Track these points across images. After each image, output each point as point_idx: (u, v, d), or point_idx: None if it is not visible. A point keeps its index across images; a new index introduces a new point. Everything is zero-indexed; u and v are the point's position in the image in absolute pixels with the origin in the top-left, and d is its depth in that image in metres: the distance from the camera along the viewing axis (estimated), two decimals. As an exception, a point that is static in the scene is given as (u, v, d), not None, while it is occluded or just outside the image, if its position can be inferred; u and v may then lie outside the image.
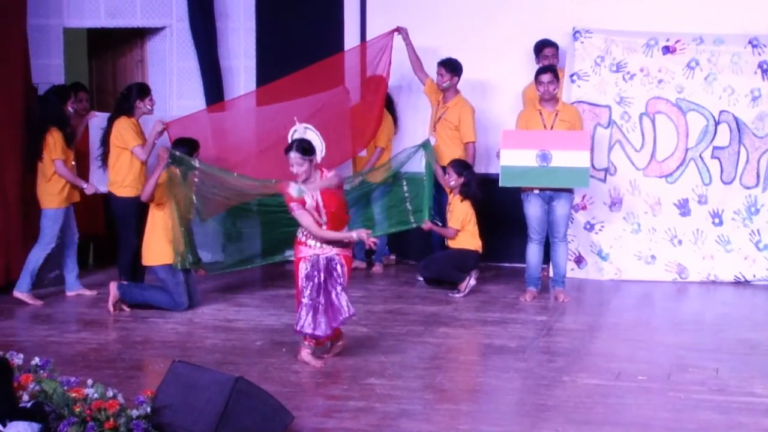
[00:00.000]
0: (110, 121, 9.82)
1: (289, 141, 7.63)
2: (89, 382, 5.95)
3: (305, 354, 7.58)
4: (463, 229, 10.27)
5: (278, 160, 7.95)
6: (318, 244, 7.46)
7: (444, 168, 10.40)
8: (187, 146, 9.41)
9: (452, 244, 10.38)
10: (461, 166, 10.34)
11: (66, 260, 9.99)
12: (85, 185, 9.73)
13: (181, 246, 9.25)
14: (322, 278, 7.46)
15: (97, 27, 11.09)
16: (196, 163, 9.41)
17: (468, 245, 10.30)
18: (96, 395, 5.80)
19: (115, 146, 9.70)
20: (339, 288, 7.48)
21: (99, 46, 11.84)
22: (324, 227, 7.45)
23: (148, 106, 9.83)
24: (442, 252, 10.55)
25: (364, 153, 11.06)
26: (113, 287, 9.35)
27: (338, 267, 7.50)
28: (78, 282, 10.02)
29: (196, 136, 9.74)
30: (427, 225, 10.24)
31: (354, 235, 7.50)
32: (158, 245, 9.31)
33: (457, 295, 10.05)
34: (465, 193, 10.27)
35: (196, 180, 9.40)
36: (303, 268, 7.52)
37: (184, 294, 9.38)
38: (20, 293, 9.69)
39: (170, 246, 9.25)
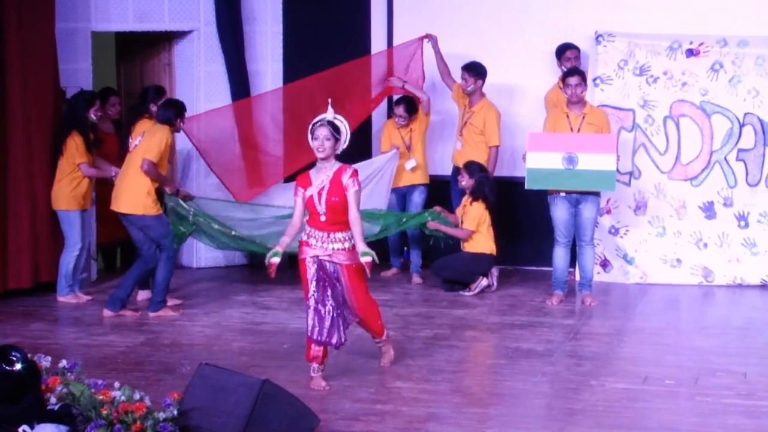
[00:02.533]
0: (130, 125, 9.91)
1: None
2: (116, 384, 5.97)
3: (314, 382, 7.29)
4: (478, 230, 10.27)
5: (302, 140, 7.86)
6: (319, 243, 7.23)
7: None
8: (174, 108, 9.51)
9: (467, 247, 10.39)
10: (474, 169, 10.35)
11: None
12: (113, 173, 9.75)
13: None
14: (330, 282, 7.28)
15: (126, 31, 11.14)
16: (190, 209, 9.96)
17: (482, 248, 10.33)
18: (123, 398, 5.82)
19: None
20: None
21: (127, 49, 11.89)
22: (322, 217, 7.23)
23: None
24: (456, 255, 10.54)
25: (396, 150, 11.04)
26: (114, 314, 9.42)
27: (341, 278, 7.28)
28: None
29: (220, 128, 10.07)
30: (432, 224, 10.29)
31: (361, 247, 7.17)
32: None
33: (467, 293, 10.12)
34: (476, 193, 10.27)
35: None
36: (307, 270, 7.30)
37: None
38: (63, 297, 9.79)
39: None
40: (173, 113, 9.44)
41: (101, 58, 11.42)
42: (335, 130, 7.22)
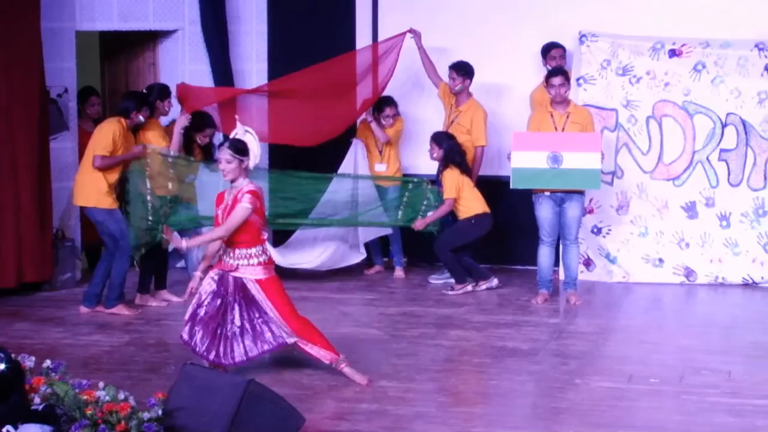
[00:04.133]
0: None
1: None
2: (101, 384, 5.97)
3: None
4: (460, 196, 10.23)
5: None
6: (226, 259, 7.32)
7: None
8: (134, 101, 9.52)
9: (460, 214, 10.34)
10: (442, 138, 10.33)
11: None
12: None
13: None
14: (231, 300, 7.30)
15: (110, 30, 11.12)
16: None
17: (475, 209, 10.27)
18: (107, 398, 5.82)
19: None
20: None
21: (112, 49, 11.86)
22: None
23: (167, 108, 9.97)
24: (453, 226, 10.43)
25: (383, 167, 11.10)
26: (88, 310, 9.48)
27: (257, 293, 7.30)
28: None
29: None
30: (418, 223, 10.30)
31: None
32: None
33: (450, 293, 10.19)
34: (446, 160, 10.26)
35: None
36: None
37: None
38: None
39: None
40: (133, 105, 9.44)
41: (86, 58, 11.40)
42: (237, 151, 7.23)
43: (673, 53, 10.74)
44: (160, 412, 5.80)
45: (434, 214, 10.35)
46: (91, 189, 9.34)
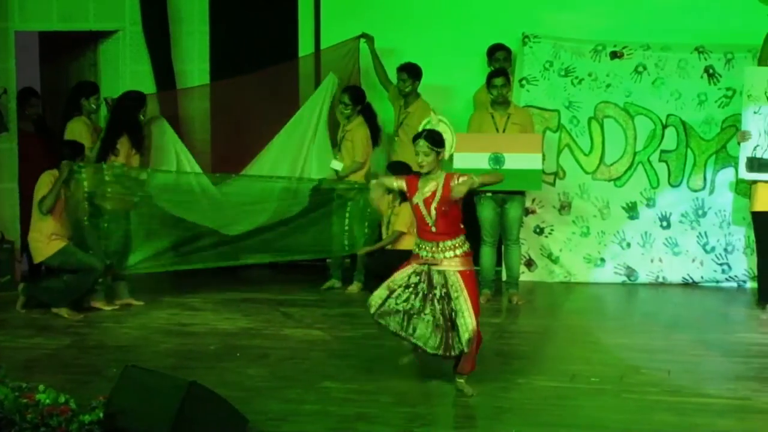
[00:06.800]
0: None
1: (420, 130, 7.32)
2: (41, 387, 5.92)
3: None
4: (409, 231, 10.24)
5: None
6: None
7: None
8: (71, 149, 9.44)
9: (398, 245, 10.28)
10: (398, 169, 10.27)
11: None
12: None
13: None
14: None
15: (50, 30, 11.02)
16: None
17: (409, 246, 10.22)
18: (47, 401, 5.77)
19: None
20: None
21: (51, 49, 11.76)
22: (433, 228, 7.14)
23: (93, 105, 9.89)
24: (387, 253, 10.25)
25: None
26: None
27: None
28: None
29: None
30: (364, 250, 10.25)
31: None
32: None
33: None
34: (403, 195, 10.17)
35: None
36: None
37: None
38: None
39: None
40: (69, 154, 9.39)
41: (25, 58, 11.28)
42: (434, 143, 7.14)
43: (614, 55, 10.84)
44: (101, 415, 5.75)
45: (381, 244, 10.24)
46: (36, 245, 9.44)
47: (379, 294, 7.18)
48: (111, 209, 9.64)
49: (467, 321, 6.89)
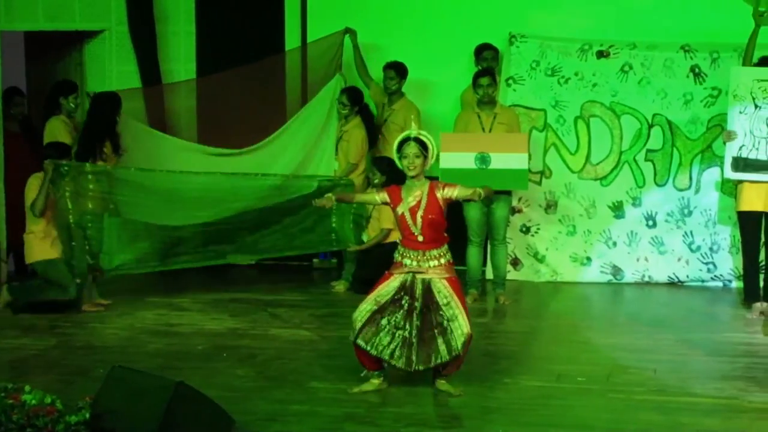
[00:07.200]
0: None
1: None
2: (27, 388, 5.90)
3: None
4: (395, 227, 10.19)
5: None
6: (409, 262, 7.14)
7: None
8: (56, 151, 9.41)
9: (387, 239, 10.26)
10: (384, 164, 10.24)
11: None
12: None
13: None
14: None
15: (36, 30, 11.00)
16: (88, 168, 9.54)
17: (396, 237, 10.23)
18: (34, 401, 5.75)
19: None
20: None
21: (37, 49, 11.73)
22: (420, 237, 7.09)
23: (72, 105, 9.87)
24: (378, 247, 10.29)
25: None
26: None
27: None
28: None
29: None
30: (353, 248, 10.25)
31: None
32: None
33: None
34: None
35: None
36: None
37: None
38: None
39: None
40: (55, 155, 9.35)
41: (10, 58, 11.26)
42: (424, 146, 7.13)
43: (600, 54, 10.87)
44: (87, 416, 5.74)
45: (371, 242, 10.28)
46: (30, 245, 9.45)
47: (365, 308, 7.13)
48: (93, 208, 9.60)
49: (462, 324, 6.90)
